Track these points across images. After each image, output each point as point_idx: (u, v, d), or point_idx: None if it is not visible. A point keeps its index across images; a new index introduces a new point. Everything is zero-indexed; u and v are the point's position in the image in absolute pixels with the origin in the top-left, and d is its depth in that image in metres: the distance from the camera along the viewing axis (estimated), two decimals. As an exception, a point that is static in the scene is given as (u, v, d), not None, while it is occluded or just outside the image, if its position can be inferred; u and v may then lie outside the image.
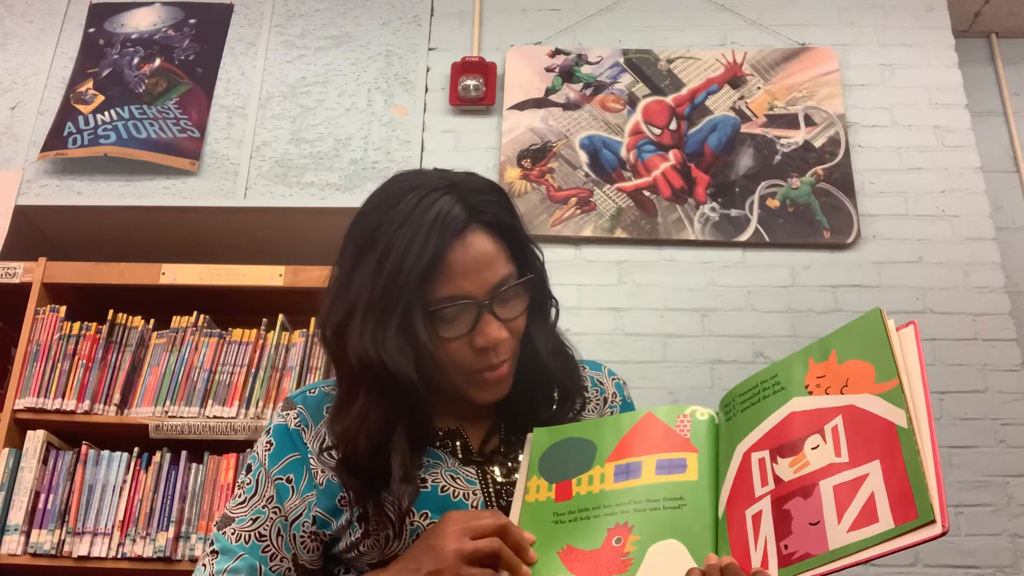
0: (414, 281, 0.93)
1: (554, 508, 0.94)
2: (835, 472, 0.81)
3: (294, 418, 1.05)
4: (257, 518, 1.00)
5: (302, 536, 1.00)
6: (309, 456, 1.02)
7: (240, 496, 1.03)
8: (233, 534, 1.00)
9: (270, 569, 0.99)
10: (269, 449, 1.04)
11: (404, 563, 0.92)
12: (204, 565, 0.99)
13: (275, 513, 1.00)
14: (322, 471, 1.01)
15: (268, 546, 0.99)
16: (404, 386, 0.93)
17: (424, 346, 0.94)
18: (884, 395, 0.83)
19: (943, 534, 0.73)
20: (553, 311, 1.08)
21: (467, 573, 0.86)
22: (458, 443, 1.05)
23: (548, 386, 1.07)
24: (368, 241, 0.98)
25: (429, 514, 0.97)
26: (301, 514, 1.00)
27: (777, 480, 0.85)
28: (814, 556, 0.78)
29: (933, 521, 0.73)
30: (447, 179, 1.00)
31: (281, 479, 1.02)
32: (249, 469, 1.05)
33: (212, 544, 1.01)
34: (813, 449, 0.84)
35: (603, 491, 0.93)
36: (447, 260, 0.94)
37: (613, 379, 1.18)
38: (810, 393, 0.89)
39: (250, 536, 0.99)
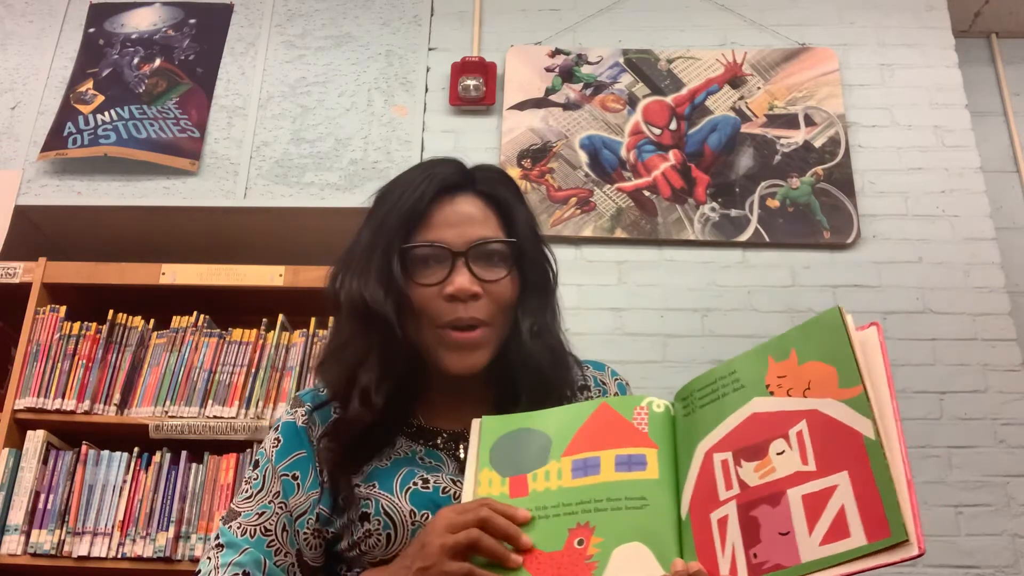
0: (393, 222, 1.01)
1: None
2: (803, 481, 0.79)
3: (302, 416, 1.07)
4: (263, 513, 1.01)
5: (305, 533, 1.01)
6: (315, 452, 1.04)
7: (247, 491, 1.04)
8: (239, 528, 1.00)
9: (274, 564, 0.99)
10: (277, 445, 1.05)
11: (400, 561, 0.93)
12: (209, 558, 0.99)
13: (281, 508, 1.01)
14: (328, 478, 1.02)
15: (273, 540, 1.00)
16: (380, 321, 0.99)
17: (397, 283, 0.99)
18: (848, 402, 0.80)
19: (919, 555, 0.71)
20: (551, 287, 1.10)
21: (449, 568, 0.85)
22: (461, 445, 1.05)
23: (539, 379, 1.06)
24: (376, 201, 1.08)
25: (429, 515, 0.97)
26: (305, 511, 1.01)
27: (743, 485, 0.82)
28: (786, 568, 0.76)
29: (907, 541, 0.71)
30: (456, 160, 1.09)
31: (287, 476, 1.03)
32: (257, 465, 1.06)
33: (218, 538, 1.01)
34: (779, 455, 0.82)
35: (561, 488, 0.89)
36: (431, 210, 1.02)
37: (616, 379, 1.18)
38: (771, 393, 0.86)
39: (255, 530, 1.00)
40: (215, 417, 2.24)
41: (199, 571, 0.99)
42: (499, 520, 0.86)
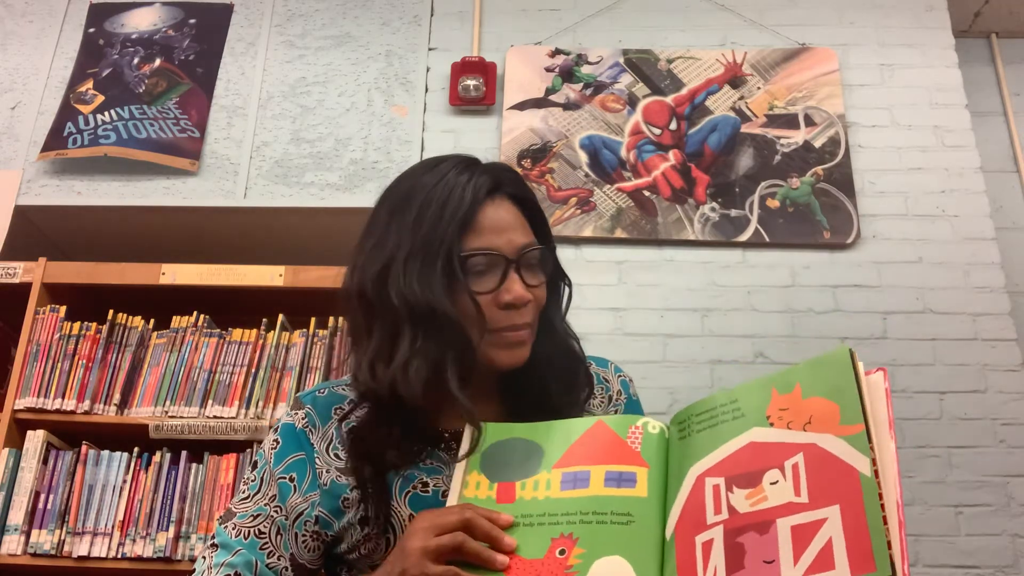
0: (455, 227, 0.99)
1: (494, 509, 0.91)
2: (793, 512, 0.79)
3: (302, 419, 1.06)
4: (258, 515, 1.01)
5: (303, 535, 1.01)
6: (315, 456, 1.03)
7: (244, 492, 1.04)
8: (233, 529, 1.01)
9: (266, 566, 0.99)
10: (275, 448, 1.05)
11: (384, 567, 0.93)
12: (204, 557, 1.00)
13: (276, 511, 1.01)
14: (327, 471, 1.02)
15: (266, 543, 1.00)
16: (449, 324, 0.97)
17: (464, 290, 0.98)
18: (848, 439, 0.80)
19: None
20: (566, 292, 1.12)
21: (430, 570, 0.84)
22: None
23: (559, 371, 1.07)
24: (403, 202, 1.03)
25: None
26: (303, 512, 1.01)
27: (732, 510, 0.82)
28: None
29: None
30: (471, 158, 1.08)
31: (284, 478, 1.03)
32: (255, 466, 1.06)
33: (214, 538, 1.02)
34: (772, 484, 0.82)
35: (549, 499, 0.89)
36: (479, 216, 1.01)
37: (619, 376, 1.18)
38: (771, 424, 0.86)
39: (249, 532, 1.00)
40: (215, 417, 2.24)
41: (195, 569, 1.00)
42: (482, 522, 0.86)
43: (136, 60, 3.08)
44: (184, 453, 2.22)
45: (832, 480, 0.79)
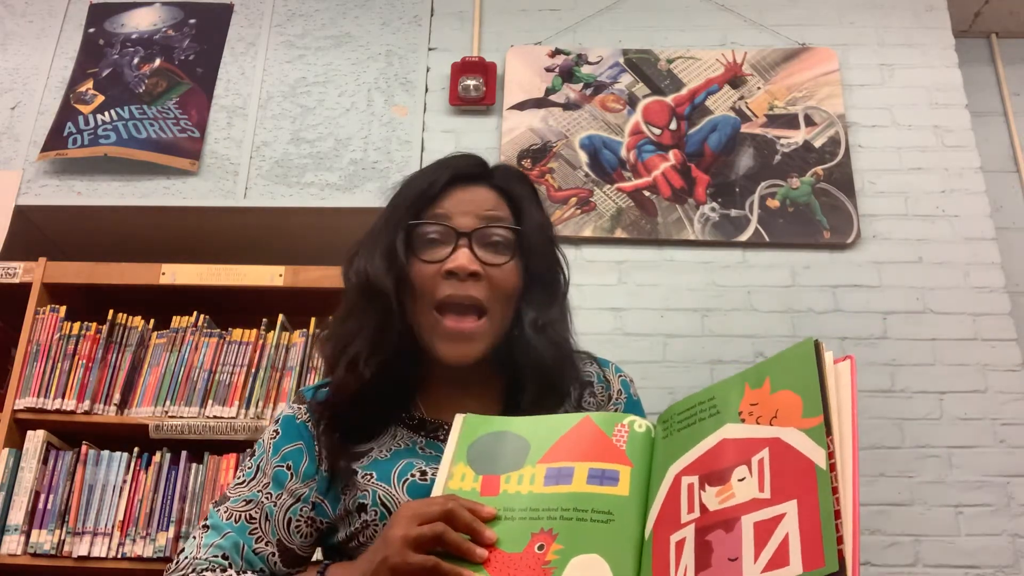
0: (405, 203, 1.06)
1: (478, 501, 0.92)
2: (757, 508, 0.79)
3: (303, 413, 1.08)
4: (250, 500, 1.03)
5: (297, 520, 1.02)
6: (315, 444, 1.05)
7: (240, 478, 1.06)
8: (225, 512, 1.02)
9: (253, 551, 1.00)
10: (274, 437, 1.07)
11: (366, 555, 0.94)
12: (194, 537, 1.02)
13: (267, 499, 1.03)
14: (325, 457, 1.04)
15: (255, 528, 1.02)
16: (379, 295, 1.03)
17: (400, 258, 1.04)
18: (808, 431, 0.80)
19: None
20: (561, 288, 1.13)
21: (411, 559, 0.85)
22: None
23: (542, 373, 1.07)
24: (392, 195, 1.12)
25: None
26: (301, 496, 1.03)
27: (703, 509, 0.83)
28: None
29: (839, 572, 0.71)
30: (479, 156, 1.13)
31: (281, 467, 1.04)
32: (253, 454, 1.08)
33: (206, 519, 1.04)
34: (740, 481, 0.82)
35: (532, 493, 0.90)
36: (444, 193, 1.07)
37: (619, 376, 1.18)
38: (743, 421, 0.87)
39: (240, 516, 1.02)
40: (215, 417, 2.24)
41: (183, 549, 1.02)
42: (464, 514, 0.87)
43: (136, 60, 3.08)
44: (184, 453, 2.23)
45: (792, 474, 0.79)
